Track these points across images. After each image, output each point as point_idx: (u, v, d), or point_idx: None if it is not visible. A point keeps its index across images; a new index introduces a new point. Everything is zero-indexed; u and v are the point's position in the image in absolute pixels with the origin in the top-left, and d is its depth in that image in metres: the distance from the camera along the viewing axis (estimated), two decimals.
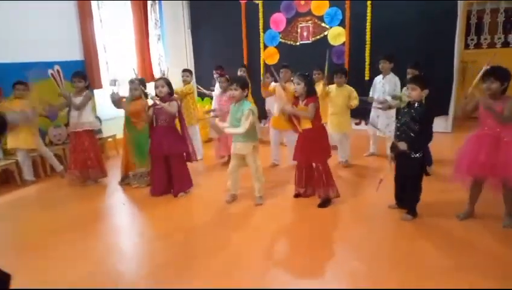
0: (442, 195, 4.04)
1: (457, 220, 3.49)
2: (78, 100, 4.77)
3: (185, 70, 5.80)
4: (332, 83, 5.10)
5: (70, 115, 4.87)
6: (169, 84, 4.34)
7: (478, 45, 7.79)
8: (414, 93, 3.37)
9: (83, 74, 5.00)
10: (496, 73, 3.12)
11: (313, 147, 3.88)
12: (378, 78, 5.32)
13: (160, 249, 3.27)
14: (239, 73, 6.43)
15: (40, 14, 5.57)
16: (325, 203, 3.94)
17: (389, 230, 3.49)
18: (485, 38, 7.75)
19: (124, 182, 4.91)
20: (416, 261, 2.89)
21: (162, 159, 4.36)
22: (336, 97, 5.04)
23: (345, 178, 4.84)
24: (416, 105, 3.39)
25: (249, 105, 3.90)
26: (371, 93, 5.40)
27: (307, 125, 3.85)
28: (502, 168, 3.09)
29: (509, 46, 7.62)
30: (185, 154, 4.44)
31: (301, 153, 3.98)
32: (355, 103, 5.02)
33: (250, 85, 4.21)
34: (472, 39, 7.77)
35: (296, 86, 3.82)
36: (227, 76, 5.42)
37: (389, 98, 4.99)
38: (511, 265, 2.79)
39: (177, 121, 4.42)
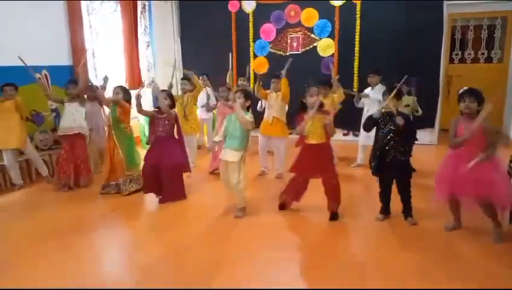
0: (430, 204, 4.09)
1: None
2: (73, 106, 4.91)
3: (183, 79, 5.75)
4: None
5: (61, 119, 4.94)
6: (171, 96, 4.44)
7: (462, 60, 7.99)
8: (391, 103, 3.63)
9: (76, 81, 5.10)
10: (474, 93, 3.26)
11: (326, 161, 3.84)
12: (368, 90, 5.41)
13: (151, 259, 3.22)
14: (239, 82, 6.35)
15: (29, 19, 5.48)
16: (335, 216, 3.88)
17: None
18: (469, 54, 7.96)
19: (105, 190, 4.74)
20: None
21: (156, 166, 4.33)
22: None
23: None
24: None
25: (249, 114, 3.87)
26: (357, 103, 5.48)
27: (320, 139, 3.76)
28: (474, 186, 3.14)
29: (492, 61, 7.83)
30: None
31: (310, 166, 3.84)
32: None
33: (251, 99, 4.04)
34: (457, 54, 7.96)
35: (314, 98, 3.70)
36: (228, 85, 5.40)
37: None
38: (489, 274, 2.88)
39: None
